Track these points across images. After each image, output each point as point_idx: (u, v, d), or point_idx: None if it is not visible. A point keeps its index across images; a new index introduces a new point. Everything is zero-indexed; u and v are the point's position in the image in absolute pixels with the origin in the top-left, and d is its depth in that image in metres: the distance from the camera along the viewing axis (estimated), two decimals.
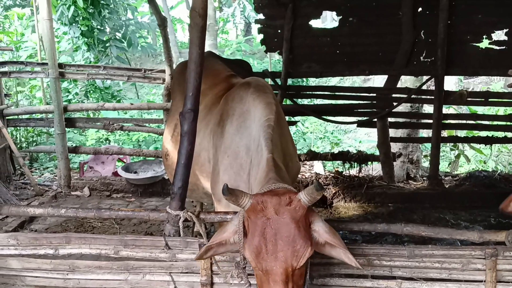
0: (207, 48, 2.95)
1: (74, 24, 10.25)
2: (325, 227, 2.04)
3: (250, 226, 1.96)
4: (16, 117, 6.91)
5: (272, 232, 1.90)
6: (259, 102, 2.70)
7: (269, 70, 7.06)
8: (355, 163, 6.60)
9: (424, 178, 6.89)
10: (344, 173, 6.64)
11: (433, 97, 6.21)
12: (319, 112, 6.78)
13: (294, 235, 1.90)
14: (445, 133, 7.77)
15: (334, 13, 6.62)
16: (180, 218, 2.66)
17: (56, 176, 7.18)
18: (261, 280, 1.94)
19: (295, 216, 1.93)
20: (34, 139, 9.17)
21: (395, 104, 6.29)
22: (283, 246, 1.89)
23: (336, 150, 8.73)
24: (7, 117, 6.72)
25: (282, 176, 2.29)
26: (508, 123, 6.48)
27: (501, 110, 8.98)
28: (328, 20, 18.54)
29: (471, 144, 8.03)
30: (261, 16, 6.41)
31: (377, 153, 6.65)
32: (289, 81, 6.72)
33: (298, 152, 8.66)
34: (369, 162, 6.81)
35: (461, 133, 8.52)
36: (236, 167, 2.72)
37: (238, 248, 2.05)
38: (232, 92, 3.07)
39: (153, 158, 6.99)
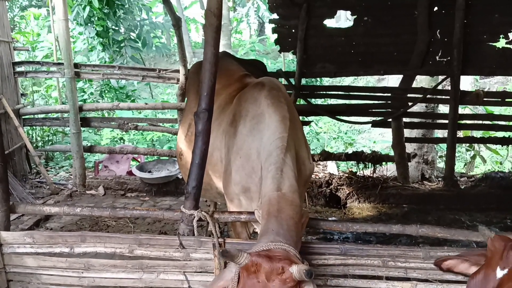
0: (220, 48, 2.95)
1: (89, 24, 10.35)
2: None
3: (241, 281, 1.98)
4: (32, 116, 7.00)
5: None
6: (273, 112, 2.65)
7: (283, 70, 7.05)
8: (369, 164, 6.56)
9: (439, 179, 6.82)
10: (358, 173, 6.60)
11: (448, 97, 6.15)
12: (333, 112, 6.75)
13: None
14: (460, 134, 7.67)
15: (349, 12, 6.59)
16: (194, 217, 2.66)
17: (71, 175, 7.26)
18: None
19: (283, 286, 1.94)
20: (49, 138, 9.28)
21: (410, 104, 6.24)
22: None
23: (350, 150, 8.67)
24: (23, 117, 6.81)
25: (288, 217, 2.25)
26: None
27: None
28: (342, 19, 18.44)
29: (487, 144, 7.93)
30: (275, 16, 6.40)
31: (392, 153, 6.59)
32: (303, 81, 6.71)
33: (312, 152, 8.64)
34: (384, 163, 6.77)
35: (477, 134, 8.40)
36: (248, 169, 2.72)
37: None
38: (245, 92, 3.06)
39: (167, 158, 7.02)
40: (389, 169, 7.17)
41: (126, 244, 2.66)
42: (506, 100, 6.41)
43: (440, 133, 7.80)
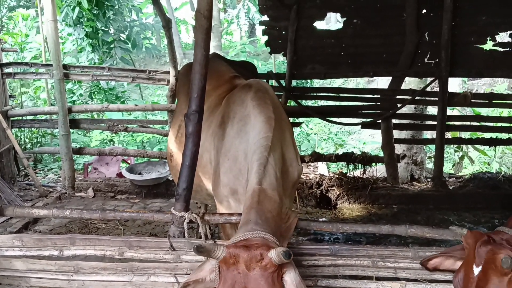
0: (211, 50, 2.95)
1: (78, 25, 10.29)
2: (294, 279, 2.02)
3: (222, 275, 1.98)
4: (20, 118, 6.94)
5: (241, 286, 1.93)
6: (259, 113, 2.65)
7: (274, 72, 7.07)
8: (359, 165, 6.60)
9: (428, 180, 6.88)
10: (348, 174, 6.63)
11: (437, 99, 6.21)
12: (323, 113, 6.78)
13: None
14: (449, 135, 7.74)
15: (338, 14, 6.63)
16: (184, 219, 2.66)
17: (60, 177, 7.21)
18: None
19: (264, 273, 1.94)
20: (38, 140, 9.20)
21: (399, 105, 6.29)
22: None
23: (340, 151, 8.72)
24: (11, 118, 6.74)
25: (266, 210, 2.26)
26: None
27: (505, 112, 8.98)
28: (332, 21, 18.53)
29: (475, 145, 8.02)
30: (265, 18, 6.43)
31: (381, 154, 6.64)
32: (293, 83, 6.73)
33: (303, 153, 8.67)
34: (373, 164, 6.81)
35: (465, 135, 8.49)
36: (236, 171, 2.72)
37: None
38: (233, 94, 3.07)
39: (158, 159, 7.00)
40: (379, 170, 7.21)
41: (116, 247, 2.65)
42: (494, 101, 6.49)
43: (429, 134, 7.86)
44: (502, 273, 1.88)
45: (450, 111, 7.31)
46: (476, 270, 1.96)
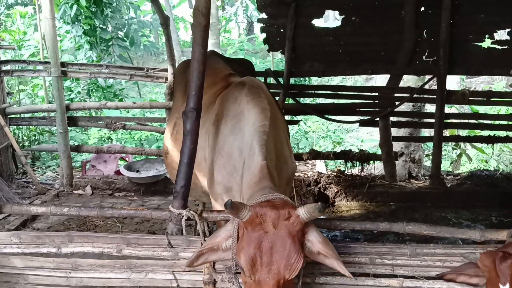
0: (209, 47, 2.95)
1: (76, 22, 10.27)
2: (319, 237, 2.06)
3: (246, 237, 1.97)
4: (18, 115, 6.93)
5: (268, 245, 1.92)
6: (253, 107, 2.69)
7: (272, 69, 7.07)
8: (357, 162, 6.61)
9: (426, 177, 6.89)
10: (346, 172, 6.64)
11: (435, 97, 6.21)
12: (322, 111, 6.78)
13: (289, 249, 1.92)
14: (447, 133, 7.76)
15: (337, 12, 6.62)
16: (182, 216, 2.66)
17: (58, 174, 7.21)
18: (251, 287, 1.97)
19: (292, 231, 1.95)
20: (36, 137, 9.19)
21: (397, 103, 6.29)
22: (277, 259, 1.91)
23: (338, 149, 8.73)
24: (9, 116, 6.73)
25: (275, 184, 2.29)
26: (510, 122, 6.48)
27: (503, 110, 8.96)
28: (331, 19, 18.53)
29: (473, 143, 8.02)
30: (263, 15, 6.42)
31: (379, 152, 6.64)
32: (292, 80, 6.73)
33: (301, 151, 8.68)
34: (371, 161, 6.82)
35: (463, 133, 8.50)
36: (230, 168, 2.73)
37: (231, 255, 2.06)
38: (227, 92, 3.08)
39: (156, 157, 7.00)
40: (377, 168, 7.22)
41: (114, 244, 2.65)
42: (492, 99, 6.49)
43: (427, 132, 7.88)
44: None
45: (448, 109, 7.34)
46: None
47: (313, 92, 7.11)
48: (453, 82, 12.21)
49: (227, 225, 2.12)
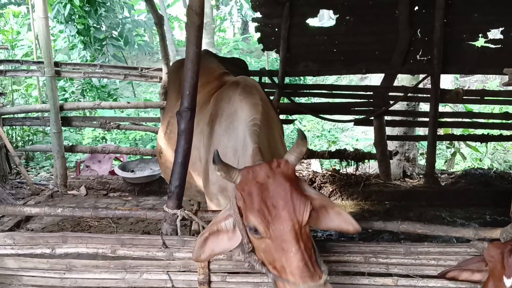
0: (204, 46, 2.94)
1: (70, 22, 10.22)
2: (314, 191, 2.12)
3: (246, 198, 1.96)
4: (12, 116, 6.89)
5: (270, 195, 1.92)
6: (245, 104, 2.70)
7: (267, 69, 7.07)
8: (352, 161, 6.62)
9: (421, 176, 6.92)
10: (341, 171, 6.65)
11: (429, 96, 6.23)
12: (316, 110, 6.79)
13: (291, 192, 1.93)
14: (441, 131, 7.78)
15: (331, 11, 6.63)
16: (177, 217, 2.66)
17: (52, 175, 7.18)
18: (273, 250, 1.92)
19: (287, 175, 1.97)
20: (30, 138, 9.15)
21: (391, 102, 6.31)
22: (284, 205, 1.90)
23: (333, 148, 8.74)
24: (2, 116, 6.70)
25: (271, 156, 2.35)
26: (504, 121, 6.51)
27: (496, 108, 9.03)
28: (325, 18, 18.55)
29: (467, 142, 8.06)
30: (258, 15, 6.41)
31: (374, 151, 6.66)
32: (287, 80, 6.73)
33: None
34: (366, 160, 6.84)
35: (457, 131, 8.53)
36: None
37: (239, 231, 2.06)
38: (221, 91, 3.08)
39: (150, 157, 6.98)
40: (372, 167, 7.24)
41: (108, 245, 2.64)
42: (485, 98, 6.52)
43: (421, 131, 7.90)
44: None
45: (442, 108, 7.36)
46: (509, 281, 1.93)
47: (308, 91, 7.12)
48: (447, 81, 12.26)
49: (225, 207, 2.13)
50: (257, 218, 1.90)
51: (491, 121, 6.82)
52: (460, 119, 7.05)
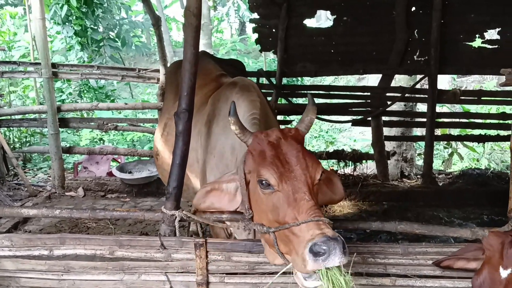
0: (201, 47, 2.95)
1: (67, 23, 10.21)
2: None
3: (258, 157, 2.05)
4: (9, 117, 6.86)
5: (282, 152, 2.02)
6: (243, 101, 2.72)
7: (264, 70, 7.07)
8: (350, 162, 6.62)
9: (418, 176, 6.93)
10: (339, 171, 6.65)
11: (426, 96, 6.25)
12: None
13: (302, 152, 2.03)
14: (438, 132, 7.80)
15: (329, 12, 6.64)
16: (175, 218, 2.66)
17: (50, 176, 7.15)
18: (285, 203, 1.96)
19: (298, 139, 2.08)
20: (27, 139, 9.12)
21: (389, 103, 6.32)
22: (297, 161, 1.99)
23: (331, 149, 8.75)
24: (0, 118, 6.68)
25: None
26: (501, 121, 6.53)
27: (493, 109, 9.05)
28: (323, 19, 18.57)
29: (464, 142, 8.08)
30: (255, 16, 6.42)
31: (372, 151, 6.67)
32: (284, 80, 6.74)
33: None
34: (364, 161, 6.83)
35: (454, 132, 8.56)
36: (222, 168, 2.73)
37: (241, 196, 2.15)
38: (218, 92, 3.09)
39: (148, 158, 6.97)
40: (369, 167, 7.24)
41: (106, 246, 2.64)
42: (482, 98, 6.54)
43: (418, 131, 7.91)
44: None
45: (440, 108, 7.37)
46: (505, 272, 1.91)
47: (305, 92, 7.11)
48: (444, 82, 12.29)
49: (230, 172, 2.22)
50: (269, 170, 1.97)
51: (488, 121, 6.84)
52: (457, 120, 7.07)
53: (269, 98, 6.02)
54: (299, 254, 1.83)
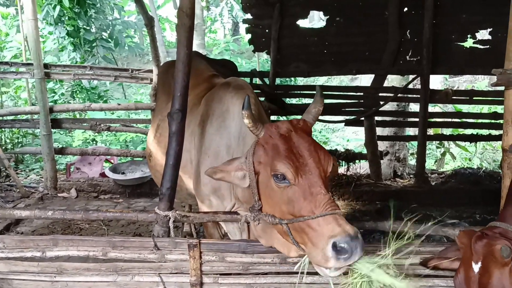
0: (194, 48, 2.94)
1: (59, 24, 10.15)
2: None
3: (271, 150, 2.06)
4: (1, 118, 6.82)
5: (295, 145, 2.04)
6: (236, 99, 2.73)
7: (257, 70, 7.08)
8: (343, 162, 6.64)
9: (411, 176, 6.97)
10: None
11: (419, 96, 6.28)
12: None
13: (314, 145, 2.07)
14: (431, 131, 7.84)
15: (322, 12, 6.65)
16: (169, 218, 2.65)
17: (42, 177, 7.11)
18: (301, 196, 1.98)
19: (307, 131, 2.12)
20: (19, 140, 9.06)
21: (382, 103, 6.35)
22: (310, 154, 2.02)
23: None
24: None
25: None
26: (493, 121, 6.57)
27: (485, 108, 9.12)
28: (316, 20, 18.61)
29: (457, 142, 8.12)
30: (248, 16, 6.42)
31: (365, 151, 6.69)
32: (277, 81, 6.74)
33: None
34: (357, 161, 6.86)
35: (447, 131, 8.60)
36: None
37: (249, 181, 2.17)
38: (212, 92, 3.08)
39: (141, 159, 6.95)
40: (363, 167, 7.27)
41: (99, 247, 2.63)
42: (474, 98, 6.58)
43: (411, 131, 7.95)
44: (502, 264, 1.87)
45: (432, 108, 7.40)
46: (476, 267, 1.94)
47: (298, 92, 7.13)
48: (437, 82, 12.36)
49: (241, 158, 2.22)
50: (286, 164, 1.99)
51: (480, 121, 6.88)
52: (449, 119, 7.11)
53: (262, 99, 6.03)
54: (320, 249, 1.89)
